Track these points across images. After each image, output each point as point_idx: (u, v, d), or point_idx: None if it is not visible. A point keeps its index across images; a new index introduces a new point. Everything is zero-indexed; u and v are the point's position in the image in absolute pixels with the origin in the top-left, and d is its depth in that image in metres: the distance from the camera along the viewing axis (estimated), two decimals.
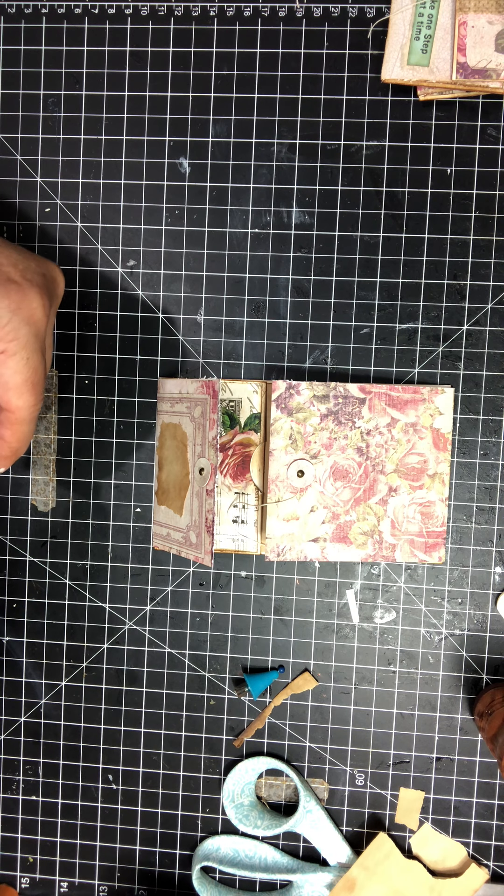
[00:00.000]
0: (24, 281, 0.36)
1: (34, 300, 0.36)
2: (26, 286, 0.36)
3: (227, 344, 0.45)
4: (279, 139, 0.44)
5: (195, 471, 0.42)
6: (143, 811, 0.47)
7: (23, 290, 0.36)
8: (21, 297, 0.35)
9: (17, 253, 0.37)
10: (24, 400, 0.36)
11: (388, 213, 0.44)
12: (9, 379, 0.36)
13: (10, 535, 0.47)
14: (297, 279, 0.45)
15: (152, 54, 0.45)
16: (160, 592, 0.46)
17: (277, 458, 0.42)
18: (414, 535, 0.43)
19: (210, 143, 0.45)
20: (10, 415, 0.37)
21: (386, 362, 0.45)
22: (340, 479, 0.43)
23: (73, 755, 0.47)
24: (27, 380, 0.36)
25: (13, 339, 0.35)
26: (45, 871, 0.48)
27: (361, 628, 0.45)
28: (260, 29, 0.44)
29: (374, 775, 0.46)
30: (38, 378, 0.37)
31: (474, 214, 0.44)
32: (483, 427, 0.44)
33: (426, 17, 0.42)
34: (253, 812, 0.46)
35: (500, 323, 0.44)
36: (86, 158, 0.45)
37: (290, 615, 0.46)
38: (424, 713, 0.45)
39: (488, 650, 0.45)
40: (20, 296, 0.35)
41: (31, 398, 0.37)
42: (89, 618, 0.47)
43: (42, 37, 0.45)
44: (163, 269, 0.45)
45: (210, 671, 0.46)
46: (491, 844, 0.45)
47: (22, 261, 0.37)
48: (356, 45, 0.44)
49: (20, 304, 0.35)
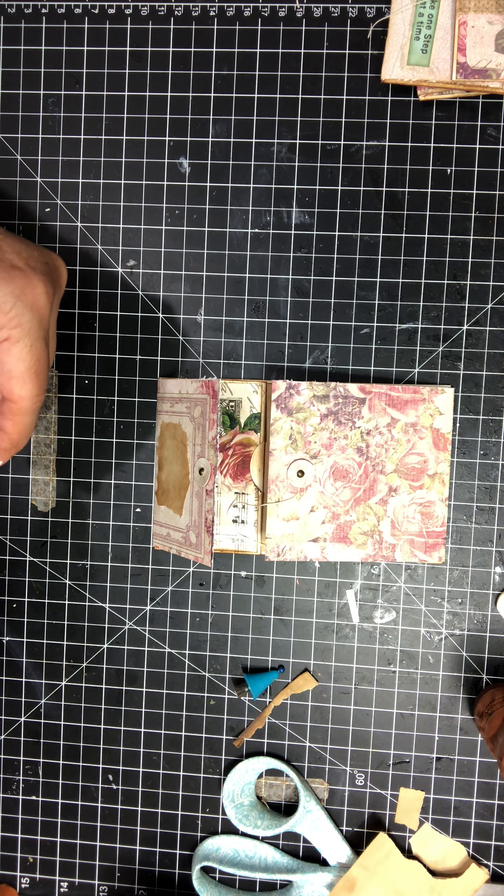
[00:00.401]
0: (28, 268, 0.36)
1: (38, 286, 0.36)
2: (30, 273, 0.35)
3: (227, 344, 0.45)
4: (279, 139, 0.44)
5: (195, 471, 0.42)
6: (143, 811, 0.47)
7: (27, 276, 0.35)
8: (25, 282, 0.35)
9: (19, 242, 0.37)
10: (27, 389, 0.36)
11: (388, 213, 0.44)
12: (12, 367, 0.35)
13: (10, 535, 0.47)
14: (297, 279, 0.45)
15: (152, 54, 0.45)
16: (160, 592, 0.46)
17: (277, 458, 0.42)
18: (414, 535, 0.43)
19: (210, 143, 0.45)
20: (13, 405, 0.36)
21: (386, 362, 0.45)
22: (340, 479, 0.43)
23: (73, 755, 0.47)
24: (30, 368, 0.36)
25: (17, 325, 0.35)
26: (45, 871, 0.48)
27: (361, 628, 0.45)
28: (260, 29, 0.44)
29: (374, 775, 0.46)
30: (42, 367, 0.36)
31: (474, 214, 0.44)
32: (483, 427, 0.44)
33: (426, 17, 0.42)
34: (253, 812, 0.46)
35: (500, 323, 0.44)
36: (86, 158, 0.45)
37: (290, 615, 0.46)
38: (424, 713, 0.45)
39: (488, 650, 0.45)
40: (24, 281, 0.35)
41: (35, 388, 0.36)
42: (89, 618, 0.47)
43: (42, 37, 0.45)
44: (163, 269, 0.45)
45: (210, 671, 0.46)
46: (491, 844, 0.45)
47: (25, 249, 0.37)
48: (356, 45, 0.44)
49: (24, 290, 0.35)
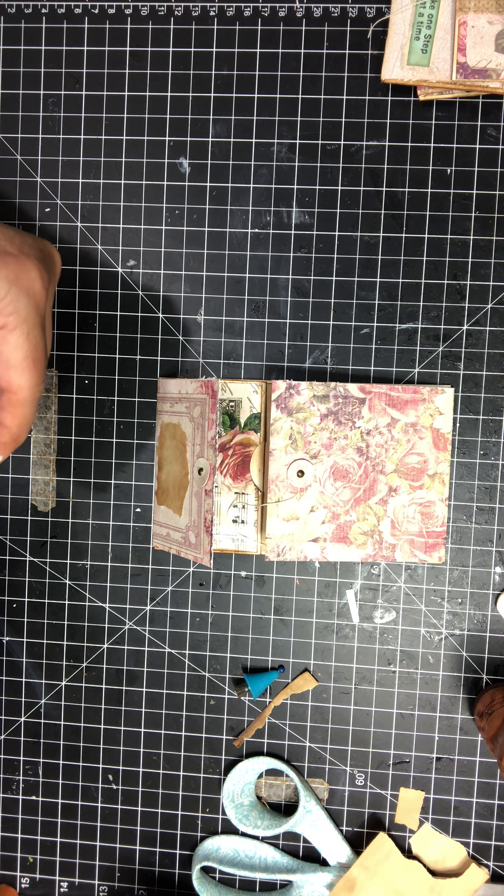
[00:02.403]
0: (21, 254, 0.35)
1: (32, 271, 0.35)
2: (23, 258, 0.35)
3: (227, 344, 0.45)
4: (279, 139, 0.44)
5: (194, 471, 0.42)
6: (143, 811, 0.47)
7: (20, 261, 0.35)
8: (18, 267, 0.35)
9: (10, 229, 0.36)
10: (25, 378, 0.36)
11: (388, 213, 0.44)
12: (10, 355, 0.35)
13: (10, 535, 0.47)
14: (297, 279, 0.45)
15: (152, 54, 0.45)
16: (160, 592, 0.46)
17: (277, 458, 0.42)
18: (414, 535, 0.43)
19: (210, 143, 0.45)
20: (12, 396, 0.36)
21: (386, 362, 0.45)
22: (340, 479, 0.43)
23: (73, 755, 0.47)
24: (28, 356, 0.35)
25: (13, 311, 0.34)
26: (45, 871, 0.48)
27: (361, 628, 0.45)
28: (260, 29, 0.44)
29: (374, 775, 0.46)
30: (40, 355, 0.36)
31: (474, 214, 0.44)
32: (483, 427, 0.44)
33: (426, 17, 0.42)
34: (253, 812, 0.46)
35: (500, 323, 0.44)
36: (86, 158, 0.45)
37: (290, 615, 0.46)
38: (424, 713, 0.45)
39: (488, 650, 0.45)
40: (17, 266, 0.35)
41: (33, 377, 0.36)
42: (89, 618, 0.47)
43: (42, 37, 0.45)
44: (163, 269, 0.45)
45: (210, 671, 0.46)
46: (491, 844, 0.45)
47: (17, 236, 0.36)
48: (356, 45, 0.44)
49: (18, 275, 0.35)
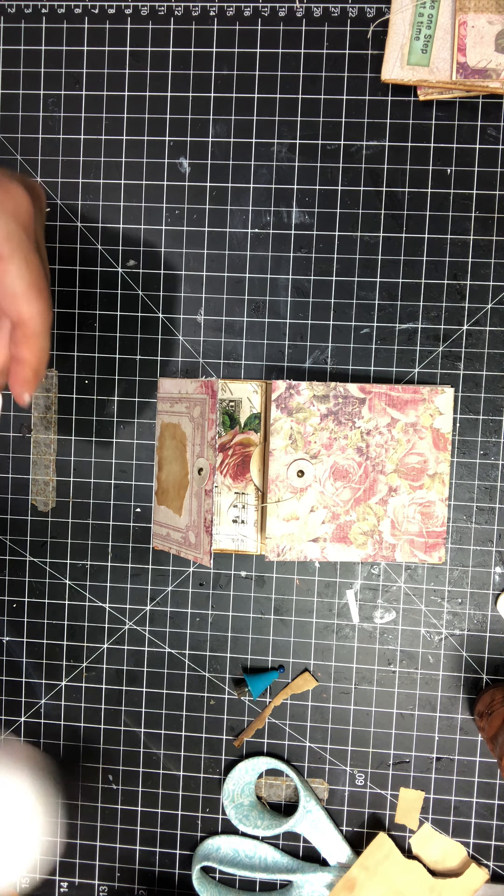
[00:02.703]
0: (2, 177, 0.35)
1: (17, 194, 0.34)
2: (5, 180, 0.34)
3: (227, 344, 0.45)
4: (279, 139, 0.44)
5: (194, 471, 0.42)
6: (143, 811, 0.47)
7: (2, 183, 0.34)
8: (2, 190, 0.34)
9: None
10: (35, 307, 0.35)
11: (388, 213, 0.44)
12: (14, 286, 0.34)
13: (10, 535, 0.47)
14: (297, 279, 0.45)
15: (152, 54, 0.45)
16: (160, 592, 0.46)
17: (277, 458, 0.42)
18: (414, 535, 0.43)
19: (210, 143, 0.45)
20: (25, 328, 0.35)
21: (386, 362, 0.45)
22: (340, 479, 0.43)
23: (73, 755, 0.47)
24: (32, 284, 0.35)
25: (4, 237, 0.34)
26: (45, 871, 0.48)
27: (361, 628, 0.45)
28: (260, 29, 0.44)
29: (374, 775, 0.46)
30: (43, 283, 0.35)
31: (474, 214, 0.44)
32: (483, 427, 0.44)
33: (426, 17, 0.42)
34: (253, 812, 0.46)
35: (500, 323, 0.44)
36: (86, 158, 0.45)
37: (290, 615, 0.46)
38: (424, 713, 0.45)
39: (488, 650, 0.45)
40: (1, 189, 0.34)
41: (41, 304, 0.35)
42: (89, 618, 0.47)
43: (42, 37, 0.45)
44: (163, 269, 0.45)
45: (210, 671, 0.46)
46: (491, 844, 0.45)
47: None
48: (356, 45, 0.44)
49: (2, 199, 0.34)
